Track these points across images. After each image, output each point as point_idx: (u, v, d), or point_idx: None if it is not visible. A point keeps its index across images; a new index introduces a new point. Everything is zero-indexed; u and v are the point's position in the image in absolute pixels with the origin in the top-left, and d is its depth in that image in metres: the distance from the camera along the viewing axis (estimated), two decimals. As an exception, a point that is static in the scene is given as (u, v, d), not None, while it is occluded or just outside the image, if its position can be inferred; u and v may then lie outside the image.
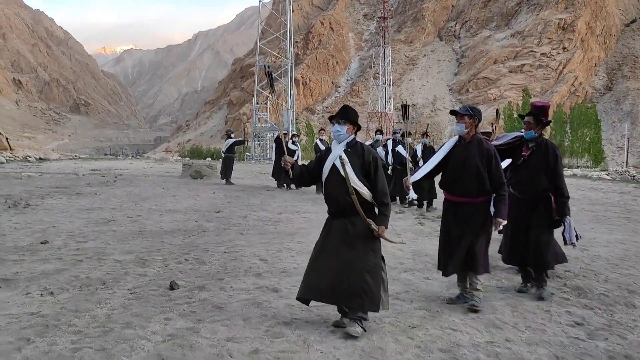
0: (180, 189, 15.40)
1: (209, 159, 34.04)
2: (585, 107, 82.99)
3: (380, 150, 14.19)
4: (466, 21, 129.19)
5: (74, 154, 38.25)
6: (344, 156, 4.57)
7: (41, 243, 7.65)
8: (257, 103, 49.39)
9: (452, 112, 5.57)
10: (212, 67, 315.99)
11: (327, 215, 4.81)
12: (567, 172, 33.45)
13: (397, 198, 14.16)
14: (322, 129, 17.94)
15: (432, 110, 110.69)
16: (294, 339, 4.30)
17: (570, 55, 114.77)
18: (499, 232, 5.89)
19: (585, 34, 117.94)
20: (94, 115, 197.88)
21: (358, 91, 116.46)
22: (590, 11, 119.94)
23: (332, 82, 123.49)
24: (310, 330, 4.49)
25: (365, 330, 4.39)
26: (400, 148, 13.87)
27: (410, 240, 8.95)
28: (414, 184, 5.85)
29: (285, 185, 16.76)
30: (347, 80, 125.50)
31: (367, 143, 14.05)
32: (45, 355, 3.87)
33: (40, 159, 31.86)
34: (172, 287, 5.67)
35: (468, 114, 5.33)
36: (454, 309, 5.21)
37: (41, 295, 5.31)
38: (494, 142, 6.12)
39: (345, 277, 4.40)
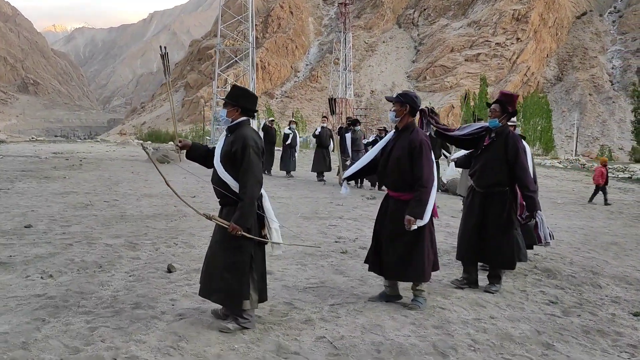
0: (150, 174, 15.37)
1: (171, 143, 33.60)
2: (538, 97, 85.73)
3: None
4: (424, 9, 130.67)
5: (32, 137, 37.14)
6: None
7: (25, 227, 7.65)
8: (218, 87, 48.88)
9: (387, 99, 5.24)
10: (168, 48, 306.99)
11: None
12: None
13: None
14: (293, 121, 18.24)
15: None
16: (298, 318, 4.59)
17: (524, 46, 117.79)
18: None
19: (538, 25, 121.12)
20: (44, 96, 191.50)
21: (317, 76, 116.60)
22: (544, 3, 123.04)
23: (291, 67, 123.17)
24: (312, 310, 4.78)
25: (243, 327, 4.21)
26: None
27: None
28: None
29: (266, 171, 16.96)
30: (307, 65, 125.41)
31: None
32: (64, 334, 4.04)
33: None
34: (170, 270, 5.87)
35: (398, 100, 4.97)
36: (440, 290, 5.60)
37: (41, 277, 5.43)
38: (456, 132, 5.88)
39: (210, 272, 4.33)
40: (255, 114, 4.53)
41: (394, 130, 5.17)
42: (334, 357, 3.90)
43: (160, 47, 5.16)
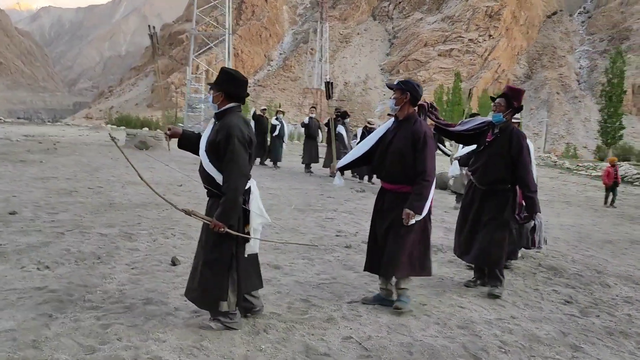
0: (130, 160, 14.90)
1: (146, 128, 32.76)
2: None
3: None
4: (399, 2, 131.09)
5: (0, 118, 35.78)
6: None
7: (9, 213, 7.25)
8: (192, 73, 48.08)
9: (388, 86, 4.99)
10: (138, 32, 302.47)
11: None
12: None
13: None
14: (280, 111, 17.84)
15: (363, 89, 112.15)
16: (320, 316, 4.40)
17: (496, 43, 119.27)
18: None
19: (510, 22, 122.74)
20: (6, 76, 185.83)
21: (291, 66, 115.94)
22: (516, 1, 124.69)
23: (264, 55, 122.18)
24: (331, 308, 4.60)
25: (227, 328, 3.96)
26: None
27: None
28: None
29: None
30: (280, 54, 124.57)
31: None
32: (76, 331, 3.78)
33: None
34: (174, 262, 5.61)
35: (399, 88, 4.72)
36: (453, 288, 5.49)
37: (38, 269, 5.12)
38: (458, 128, 5.65)
39: (193, 269, 4.10)
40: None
41: (393, 120, 4.89)
42: (365, 358, 3.73)
43: (149, 26, 4.89)
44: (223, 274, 3.93)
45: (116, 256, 5.74)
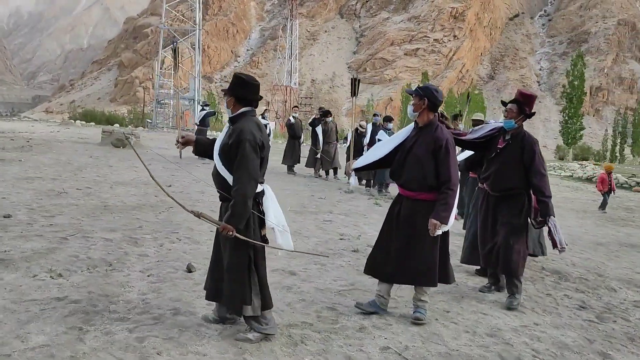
0: (111, 159, 14.57)
1: (117, 125, 31.94)
2: (474, 94, 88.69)
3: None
4: (366, 1, 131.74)
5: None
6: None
7: (4, 217, 6.98)
8: (161, 68, 47.28)
9: (407, 92, 4.92)
10: (100, 24, 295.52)
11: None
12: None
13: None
14: (266, 109, 17.69)
15: (330, 87, 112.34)
16: (351, 325, 4.38)
17: (460, 43, 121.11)
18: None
19: (474, 24, 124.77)
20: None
21: (258, 62, 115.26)
22: (480, 3, 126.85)
23: (231, 51, 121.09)
24: (360, 317, 4.58)
25: (265, 335, 3.94)
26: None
27: (378, 221, 9.20)
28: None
29: None
30: (247, 50, 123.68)
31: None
32: (112, 345, 3.65)
33: None
34: (190, 269, 5.50)
35: (417, 94, 4.65)
36: (471, 294, 5.54)
37: (51, 277, 4.93)
38: (469, 136, 5.63)
39: (218, 274, 4.08)
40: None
41: (413, 125, 4.83)
42: (408, 369, 3.73)
43: (173, 42, 4.80)
44: (243, 278, 3.91)
45: (127, 263, 5.60)
